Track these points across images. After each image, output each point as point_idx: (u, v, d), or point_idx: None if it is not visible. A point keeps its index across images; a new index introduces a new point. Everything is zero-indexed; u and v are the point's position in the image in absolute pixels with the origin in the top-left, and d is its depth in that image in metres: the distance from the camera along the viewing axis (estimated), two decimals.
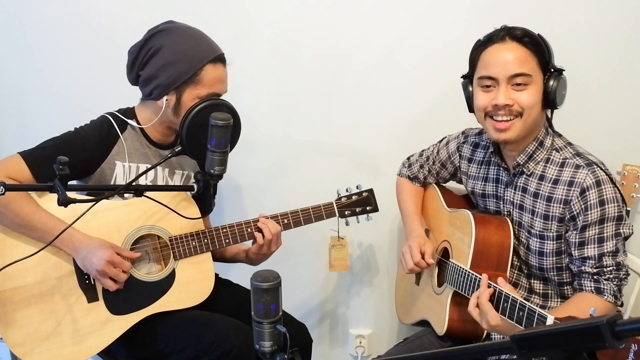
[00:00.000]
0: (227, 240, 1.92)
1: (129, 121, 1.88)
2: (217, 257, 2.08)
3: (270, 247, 1.94)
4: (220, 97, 1.82)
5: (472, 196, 1.96)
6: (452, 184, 2.10)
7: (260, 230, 1.93)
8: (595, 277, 1.62)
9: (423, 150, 2.10)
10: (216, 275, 1.98)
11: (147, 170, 1.74)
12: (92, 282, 1.79)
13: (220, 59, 1.84)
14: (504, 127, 1.65)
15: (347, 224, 2.09)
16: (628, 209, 2.11)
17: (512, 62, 1.61)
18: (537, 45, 1.63)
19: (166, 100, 1.82)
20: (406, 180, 2.12)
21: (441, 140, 2.05)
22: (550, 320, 1.39)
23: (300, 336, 2.02)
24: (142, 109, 1.91)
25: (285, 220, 1.97)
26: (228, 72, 1.89)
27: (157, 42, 1.80)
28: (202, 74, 1.80)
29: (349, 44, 2.34)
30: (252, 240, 1.96)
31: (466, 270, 1.70)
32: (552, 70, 1.64)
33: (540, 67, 1.64)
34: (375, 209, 2.10)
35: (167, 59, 1.79)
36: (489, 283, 1.56)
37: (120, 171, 1.86)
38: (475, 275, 1.65)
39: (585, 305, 1.55)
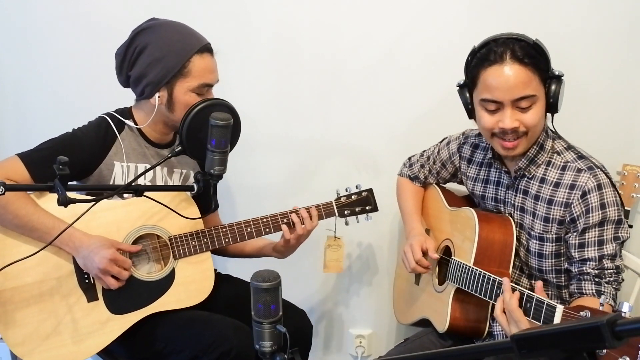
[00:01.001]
0: (226, 240, 1.92)
1: (126, 121, 1.88)
2: (237, 253, 2.09)
3: (299, 239, 1.98)
4: (220, 98, 1.81)
5: (472, 197, 1.96)
6: (453, 186, 2.10)
7: (290, 224, 1.95)
8: (596, 279, 1.62)
9: (424, 151, 2.10)
10: (216, 270, 1.98)
11: (147, 170, 1.74)
12: (92, 282, 1.79)
13: (206, 48, 1.84)
14: (511, 146, 1.66)
15: (346, 223, 2.09)
16: (628, 209, 2.11)
17: (515, 86, 1.59)
18: (537, 60, 1.60)
19: (158, 97, 1.82)
20: (407, 180, 2.12)
21: (442, 141, 2.05)
22: (559, 310, 1.39)
23: (300, 322, 2.04)
24: (138, 109, 1.91)
25: (285, 220, 1.97)
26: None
27: (142, 40, 1.80)
28: (190, 65, 1.80)
29: (349, 44, 2.33)
30: (281, 234, 1.98)
31: (470, 267, 1.70)
32: (552, 76, 1.63)
33: (541, 81, 1.62)
34: (374, 209, 2.10)
35: (154, 55, 1.79)
36: (512, 286, 1.53)
37: (119, 171, 1.86)
38: (479, 271, 1.66)
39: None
